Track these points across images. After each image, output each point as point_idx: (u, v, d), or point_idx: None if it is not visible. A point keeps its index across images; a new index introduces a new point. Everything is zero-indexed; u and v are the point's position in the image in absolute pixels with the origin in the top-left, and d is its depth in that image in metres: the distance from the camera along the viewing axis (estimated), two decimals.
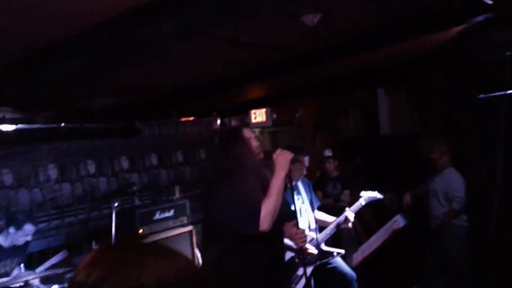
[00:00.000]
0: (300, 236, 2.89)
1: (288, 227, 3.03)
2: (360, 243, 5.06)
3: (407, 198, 5.39)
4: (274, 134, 8.11)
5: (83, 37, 3.08)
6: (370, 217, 5.94)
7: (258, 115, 6.99)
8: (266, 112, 6.96)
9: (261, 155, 2.80)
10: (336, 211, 4.62)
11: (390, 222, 4.10)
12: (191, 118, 6.96)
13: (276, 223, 2.65)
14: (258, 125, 7.11)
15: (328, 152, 6.09)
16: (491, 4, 2.73)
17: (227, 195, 2.61)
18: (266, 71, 4.85)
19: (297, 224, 2.93)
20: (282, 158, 2.68)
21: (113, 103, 5.44)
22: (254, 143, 2.80)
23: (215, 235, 2.73)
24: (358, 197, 4.43)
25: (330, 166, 6.05)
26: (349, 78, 6.14)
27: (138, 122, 5.89)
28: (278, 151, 2.73)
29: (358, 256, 3.87)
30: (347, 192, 5.85)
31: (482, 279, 4.56)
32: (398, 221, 4.02)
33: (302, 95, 6.93)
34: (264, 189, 2.66)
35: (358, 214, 5.84)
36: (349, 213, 4.02)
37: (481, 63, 4.83)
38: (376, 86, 6.34)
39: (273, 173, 2.68)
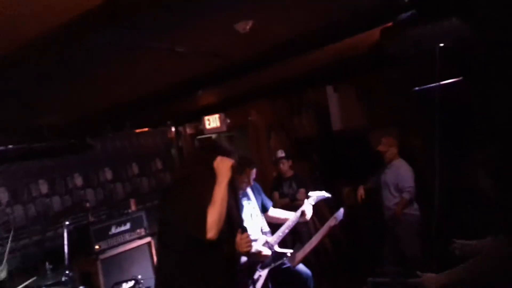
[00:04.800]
0: (245, 240, 2.77)
1: None
2: None
3: (360, 191, 5.52)
4: (230, 138, 8.15)
5: (19, 54, 3.06)
6: (329, 214, 6.06)
7: (212, 121, 7.06)
8: (219, 117, 7.03)
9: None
10: (293, 210, 4.69)
11: (330, 219, 4.18)
12: (145, 129, 6.95)
13: (228, 230, 2.66)
14: (213, 130, 7.17)
15: (280, 153, 6.16)
16: (407, 2, 2.85)
17: (188, 201, 2.59)
18: (210, 79, 4.89)
19: (242, 229, 2.82)
20: (223, 166, 2.64)
21: (61, 119, 5.37)
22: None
23: (171, 242, 2.68)
24: None
25: (284, 166, 6.12)
26: (296, 79, 6.24)
27: (89, 137, 5.85)
28: (218, 158, 2.67)
29: (300, 255, 3.95)
30: (302, 190, 5.92)
31: (433, 265, 4.73)
32: (337, 217, 4.10)
33: (253, 98, 7.00)
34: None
35: (317, 213, 5.97)
36: (307, 206, 4.10)
37: (419, 56, 4.99)
38: (323, 84, 6.47)
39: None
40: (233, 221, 2.73)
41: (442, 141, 4.00)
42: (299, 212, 4.13)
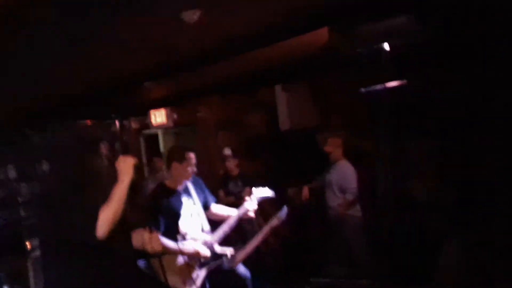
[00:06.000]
0: (155, 240, 2.88)
1: (137, 234, 3.00)
2: None
3: (305, 192, 5.54)
4: (177, 135, 7.99)
5: None
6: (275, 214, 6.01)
7: (158, 116, 6.88)
8: (166, 112, 6.87)
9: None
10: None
11: (272, 219, 4.14)
12: (88, 122, 6.67)
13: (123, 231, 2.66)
14: (159, 126, 6.99)
15: (227, 151, 6.08)
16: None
17: (72, 206, 2.64)
18: (157, 72, 4.75)
19: (150, 229, 2.91)
20: (125, 165, 2.68)
21: None
22: (103, 149, 2.80)
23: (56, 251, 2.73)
24: None
25: (230, 164, 6.04)
26: (247, 76, 6.15)
27: (28, 127, 5.54)
28: (121, 157, 2.72)
29: (240, 255, 3.87)
30: (248, 189, 5.84)
31: (380, 267, 4.77)
32: (279, 217, 4.07)
33: (202, 94, 6.86)
34: None
35: (262, 211, 5.89)
36: (249, 204, 4.04)
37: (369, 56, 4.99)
38: (274, 83, 6.41)
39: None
40: (130, 222, 2.74)
41: (391, 142, 4.02)
42: (242, 209, 4.05)
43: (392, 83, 4.18)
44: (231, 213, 4.10)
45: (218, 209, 4.18)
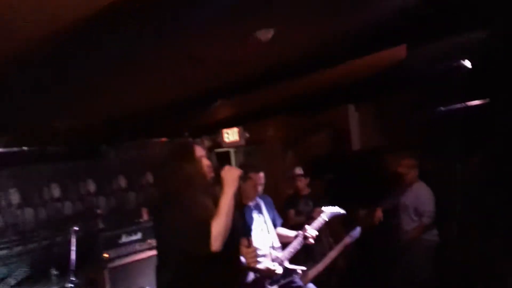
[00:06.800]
0: (251, 254, 2.83)
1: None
2: None
3: (378, 213, 5.40)
4: (249, 154, 8.07)
5: (38, 53, 3.01)
6: (343, 233, 5.92)
7: (231, 135, 6.98)
8: (238, 131, 6.95)
9: (212, 174, 2.74)
10: None
11: (346, 237, 4.07)
12: (162, 139, 6.90)
13: (231, 242, 2.58)
14: (232, 144, 7.09)
15: (299, 170, 6.05)
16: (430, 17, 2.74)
17: (177, 217, 2.53)
18: (227, 90, 4.82)
19: (248, 242, 2.85)
20: (229, 175, 2.62)
21: (77, 125, 5.34)
22: (206, 162, 2.75)
23: (167, 259, 2.67)
24: None
25: (301, 183, 6.00)
26: (315, 96, 6.15)
27: (104, 144, 5.81)
28: (226, 168, 2.66)
29: (312, 272, 3.82)
30: (318, 209, 5.78)
31: None
32: (353, 235, 4.00)
33: (271, 113, 6.92)
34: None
35: (332, 231, 5.81)
36: (310, 230, 3.98)
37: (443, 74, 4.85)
38: (342, 103, 6.37)
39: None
40: (236, 233, 2.67)
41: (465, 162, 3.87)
42: (301, 237, 3.99)
43: (471, 102, 4.04)
44: (292, 236, 4.07)
45: (281, 231, 4.17)
